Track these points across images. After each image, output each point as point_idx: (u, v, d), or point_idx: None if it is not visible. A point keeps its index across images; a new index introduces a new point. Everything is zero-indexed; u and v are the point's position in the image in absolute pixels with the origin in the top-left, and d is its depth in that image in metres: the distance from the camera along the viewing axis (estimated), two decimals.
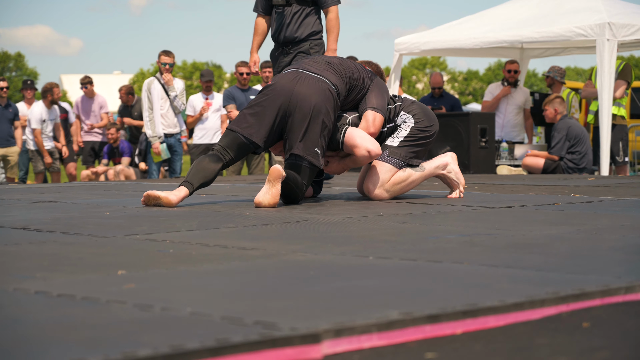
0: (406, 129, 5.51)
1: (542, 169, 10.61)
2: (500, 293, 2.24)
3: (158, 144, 11.16)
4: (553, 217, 4.42)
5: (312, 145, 5.26)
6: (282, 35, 6.81)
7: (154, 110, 11.15)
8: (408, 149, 5.49)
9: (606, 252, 3.10)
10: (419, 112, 5.56)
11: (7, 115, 12.76)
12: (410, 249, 3.21)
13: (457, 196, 5.60)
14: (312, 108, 5.25)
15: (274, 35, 6.87)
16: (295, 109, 5.26)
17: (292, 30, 6.82)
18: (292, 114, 5.27)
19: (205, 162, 5.26)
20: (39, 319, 2.01)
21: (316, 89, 5.31)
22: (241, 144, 5.32)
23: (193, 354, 1.68)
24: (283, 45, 6.85)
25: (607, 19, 10.44)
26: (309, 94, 5.29)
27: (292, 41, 6.85)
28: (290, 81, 5.36)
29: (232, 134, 5.34)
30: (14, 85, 50.78)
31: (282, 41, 6.84)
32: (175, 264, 2.88)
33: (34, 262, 3.01)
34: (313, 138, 5.26)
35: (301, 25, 6.86)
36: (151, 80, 11.27)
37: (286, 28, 6.81)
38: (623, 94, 10.85)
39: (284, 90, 5.32)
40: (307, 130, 5.25)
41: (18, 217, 4.72)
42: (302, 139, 5.25)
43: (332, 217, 4.48)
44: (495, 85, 12.48)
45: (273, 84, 5.39)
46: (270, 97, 5.32)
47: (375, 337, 1.89)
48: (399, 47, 12.19)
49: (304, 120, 5.24)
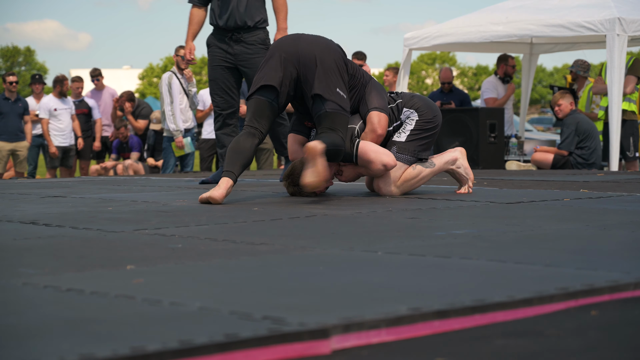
0: (411, 123, 5.50)
1: (551, 164, 10.60)
2: (509, 289, 2.24)
3: (181, 138, 11.17)
4: (562, 212, 4.41)
5: (333, 86, 5.15)
6: (231, 22, 6.72)
7: (175, 104, 11.15)
8: (416, 143, 5.48)
9: (615, 248, 3.09)
10: (421, 104, 5.55)
11: (17, 109, 12.79)
12: (419, 244, 3.20)
13: (465, 191, 5.59)
14: (322, 50, 5.21)
15: (221, 21, 6.75)
16: (304, 57, 5.19)
17: (243, 16, 6.73)
18: (301, 64, 5.19)
19: (239, 143, 5.15)
20: (48, 314, 2.01)
21: (320, 39, 5.34)
22: (264, 105, 5.21)
23: (202, 349, 1.68)
24: (234, 31, 6.75)
25: (617, 14, 10.40)
26: (315, 40, 5.30)
27: (243, 27, 6.77)
28: (290, 36, 5.39)
29: (251, 100, 5.26)
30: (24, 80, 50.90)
31: (231, 27, 6.74)
32: (184, 259, 2.88)
33: (42, 256, 3.02)
34: (331, 79, 5.16)
35: (251, 11, 6.77)
36: (170, 75, 11.25)
37: (236, 14, 6.72)
38: (633, 90, 10.82)
39: (287, 40, 5.31)
40: (322, 73, 5.15)
41: (27, 211, 4.73)
42: (318, 80, 5.15)
43: (341, 212, 4.48)
44: (495, 81, 12.42)
45: (274, 43, 5.37)
46: (272, 49, 5.31)
47: (384, 332, 1.89)
48: (409, 42, 12.17)
49: (315, 63, 5.16)
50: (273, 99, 5.21)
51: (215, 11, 6.80)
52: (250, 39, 6.80)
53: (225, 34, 6.79)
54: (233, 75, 6.88)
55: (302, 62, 5.18)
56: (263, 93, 5.21)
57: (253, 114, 5.23)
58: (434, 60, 70.21)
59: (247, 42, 6.79)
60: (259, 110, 5.22)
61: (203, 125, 12.16)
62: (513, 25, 11.29)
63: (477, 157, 10.66)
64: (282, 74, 5.19)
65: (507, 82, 12.25)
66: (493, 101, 12.21)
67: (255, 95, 5.24)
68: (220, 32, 6.81)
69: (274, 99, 5.21)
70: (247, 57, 6.79)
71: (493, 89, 12.35)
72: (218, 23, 6.78)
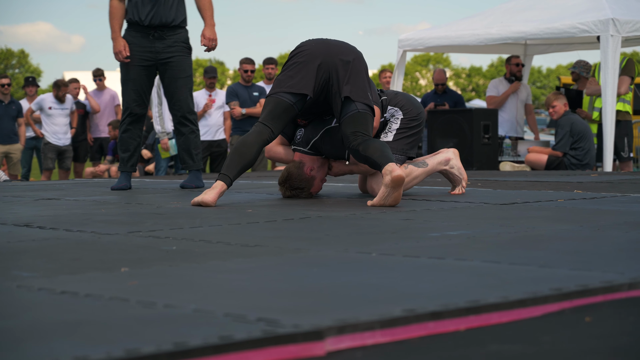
0: (396, 122, 5.51)
1: (545, 165, 10.61)
2: (504, 290, 2.24)
3: (167, 140, 11.17)
4: (556, 213, 4.42)
5: (362, 90, 5.12)
6: (156, 19, 6.62)
7: (163, 106, 11.15)
8: (403, 142, 5.50)
9: (609, 249, 3.09)
10: (405, 102, 5.57)
11: (10, 112, 12.79)
12: (413, 245, 3.21)
13: (459, 192, 5.60)
14: (353, 57, 5.17)
15: (145, 18, 6.62)
16: (336, 62, 5.13)
17: (168, 14, 6.65)
18: (333, 65, 5.12)
19: (245, 143, 5.06)
20: (42, 316, 2.01)
21: (349, 45, 5.29)
22: (286, 107, 5.11)
23: (196, 351, 1.68)
24: (157, 29, 6.65)
25: (610, 15, 10.43)
26: (345, 46, 5.25)
27: (167, 25, 6.67)
28: (321, 41, 5.28)
29: (272, 98, 5.15)
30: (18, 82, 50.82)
31: (155, 25, 6.64)
32: (179, 261, 2.88)
33: (37, 259, 3.01)
34: (361, 85, 5.13)
35: (175, 9, 6.70)
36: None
37: (161, 11, 6.62)
38: (627, 90, 10.84)
39: (319, 46, 5.20)
40: (352, 77, 5.11)
41: (21, 214, 4.72)
42: (348, 83, 5.10)
43: (335, 213, 4.48)
44: (499, 81, 12.46)
45: (303, 45, 5.25)
46: (307, 52, 5.17)
47: (379, 334, 1.90)
48: (403, 43, 12.19)
49: (347, 67, 5.12)
50: (296, 102, 5.13)
51: (139, 7, 6.63)
52: (174, 38, 6.70)
53: (148, 31, 6.65)
54: (149, 77, 6.74)
55: (337, 66, 5.12)
56: (287, 95, 5.12)
57: (270, 112, 5.12)
58: (427, 62, 70.28)
59: (170, 41, 6.69)
60: (277, 111, 5.12)
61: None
62: (507, 27, 11.31)
63: (471, 158, 10.67)
64: (314, 82, 5.11)
65: (512, 82, 12.25)
66: (491, 99, 12.22)
67: (279, 95, 5.13)
68: (142, 29, 6.66)
69: (297, 102, 5.13)
70: (169, 56, 6.69)
71: (494, 87, 12.37)
72: (141, 19, 6.63)
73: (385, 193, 4.77)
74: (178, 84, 6.72)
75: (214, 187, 4.99)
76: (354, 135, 5.02)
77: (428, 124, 11.78)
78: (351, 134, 5.03)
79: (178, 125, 6.85)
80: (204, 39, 6.71)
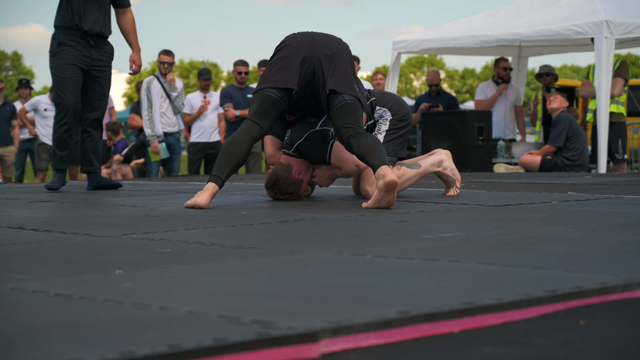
0: (385, 123, 5.52)
1: (539, 166, 10.63)
2: (498, 291, 2.24)
3: (157, 143, 11.18)
4: (550, 215, 4.42)
5: (350, 81, 5.09)
6: (95, 27, 6.80)
7: (154, 109, 11.16)
8: (394, 143, 5.50)
9: (603, 250, 3.10)
10: (393, 102, 5.57)
11: (4, 114, 12.78)
12: (408, 247, 3.21)
13: (454, 193, 5.60)
14: (337, 49, 5.13)
15: (85, 25, 6.76)
16: (320, 56, 5.10)
17: (105, 25, 6.88)
18: (317, 58, 5.10)
19: (235, 142, 5.05)
20: (37, 319, 2.01)
21: (333, 37, 5.26)
22: (272, 102, 5.10)
23: (190, 353, 1.68)
24: (91, 36, 6.81)
25: (604, 17, 10.45)
26: (329, 39, 5.21)
27: (102, 36, 6.90)
28: (305, 34, 5.24)
29: (259, 95, 5.14)
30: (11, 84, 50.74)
31: (94, 33, 6.81)
32: (173, 263, 2.88)
33: (31, 261, 3.01)
34: (346, 76, 5.09)
35: (109, 22, 6.94)
36: (151, 79, 11.29)
37: (101, 21, 6.82)
38: (621, 91, 10.86)
39: (303, 40, 5.17)
40: (337, 69, 5.08)
41: (15, 216, 4.72)
42: (333, 76, 5.07)
43: (329, 215, 4.48)
44: (487, 84, 12.48)
45: (287, 40, 5.23)
46: (291, 47, 5.15)
47: (373, 335, 1.90)
48: (397, 45, 12.20)
49: (331, 60, 5.09)
50: (282, 96, 5.11)
51: (80, 14, 6.77)
52: (106, 48, 6.96)
53: (86, 37, 6.82)
54: (81, 79, 6.90)
55: (320, 60, 5.09)
56: (273, 91, 5.11)
57: (257, 109, 5.12)
58: (422, 64, 70.34)
59: (103, 51, 6.93)
60: (264, 107, 5.11)
61: (191, 128, 12.16)
62: (502, 29, 11.33)
63: (465, 159, 10.68)
64: (298, 76, 5.09)
65: (500, 85, 12.27)
66: (479, 102, 12.25)
67: (265, 90, 5.12)
68: (80, 34, 6.81)
69: (283, 97, 5.11)
70: (101, 64, 6.93)
71: (482, 91, 12.40)
72: (81, 25, 6.77)
73: (379, 196, 4.77)
74: (104, 92, 7.00)
75: (206, 189, 4.98)
76: (345, 128, 4.99)
77: (422, 126, 11.80)
78: (342, 127, 5.00)
79: (90, 128, 7.01)
80: (135, 65, 7.06)
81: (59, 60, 6.82)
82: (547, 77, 12.15)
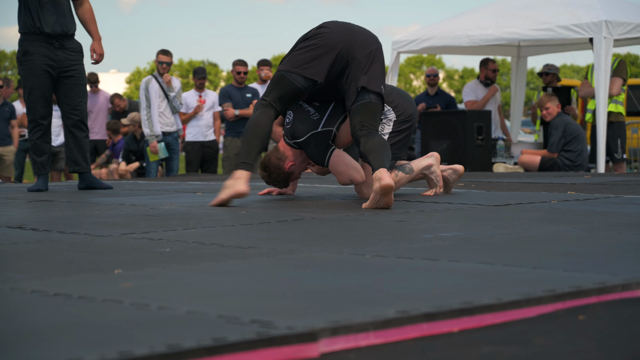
0: (388, 124, 5.51)
1: (539, 166, 10.63)
2: (497, 291, 2.24)
3: (156, 143, 11.17)
4: (549, 214, 4.42)
5: (380, 82, 5.09)
6: (57, 28, 6.78)
7: (152, 109, 11.16)
8: (394, 146, 5.49)
9: (603, 250, 3.10)
10: (400, 101, 5.56)
11: (4, 114, 12.76)
12: (407, 247, 3.21)
13: (431, 194, 5.68)
14: (376, 47, 5.14)
15: (47, 27, 6.74)
16: (357, 51, 5.07)
17: (67, 23, 6.85)
18: (352, 53, 5.07)
19: (257, 124, 5.06)
20: (36, 318, 2.01)
21: (371, 34, 5.24)
22: (296, 92, 5.11)
23: (190, 353, 1.68)
24: (58, 38, 6.79)
25: (603, 17, 10.45)
26: (369, 35, 5.20)
27: (66, 35, 6.87)
28: (344, 26, 5.21)
29: (286, 81, 5.11)
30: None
31: (57, 34, 6.78)
32: (172, 263, 2.88)
33: (30, 261, 3.01)
34: (379, 76, 5.10)
35: (71, 19, 6.91)
36: (149, 79, 11.29)
37: (62, 20, 6.80)
38: (620, 91, 10.86)
39: (343, 31, 5.13)
40: (372, 67, 5.08)
41: (14, 216, 4.71)
42: (366, 73, 5.06)
43: (329, 215, 4.48)
44: (475, 84, 12.45)
45: (326, 26, 5.17)
46: (329, 37, 5.10)
47: (372, 335, 1.90)
48: (397, 45, 12.20)
49: (368, 57, 5.08)
50: (307, 87, 5.10)
51: (41, 17, 6.74)
52: (72, 46, 6.90)
53: (50, 40, 6.79)
54: (51, 84, 6.88)
55: (356, 56, 5.08)
56: (300, 79, 5.09)
57: (279, 96, 5.13)
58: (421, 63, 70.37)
59: (69, 50, 6.88)
60: (288, 96, 5.14)
61: (187, 127, 12.16)
62: (501, 28, 11.33)
63: (464, 159, 10.67)
64: (328, 69, 5.07)
65: (489, 85, 12.27)
66: (472, 104, 12.23)
67: (292, 76, 5.10)
68: (43, 38, 6.78)
69: (308, 88, 5.11)
70: (70, 64, 6.89)
71: (471, 92, 12.37)
72: (43, 28, 6.74)
73: (376, 199, 4.80)
74: (79, 90, 6.95)
75: (237, 177, 5.00)
76: (360, 125, 5.01)
77: (421, 126, 11.79)
78: (359, 124, 5.02)
79: (73, 129, 6.98)
80: (96, 54, 7.00)
81: (26, 70, 6.81)
82: (546, 77, 12.14)
